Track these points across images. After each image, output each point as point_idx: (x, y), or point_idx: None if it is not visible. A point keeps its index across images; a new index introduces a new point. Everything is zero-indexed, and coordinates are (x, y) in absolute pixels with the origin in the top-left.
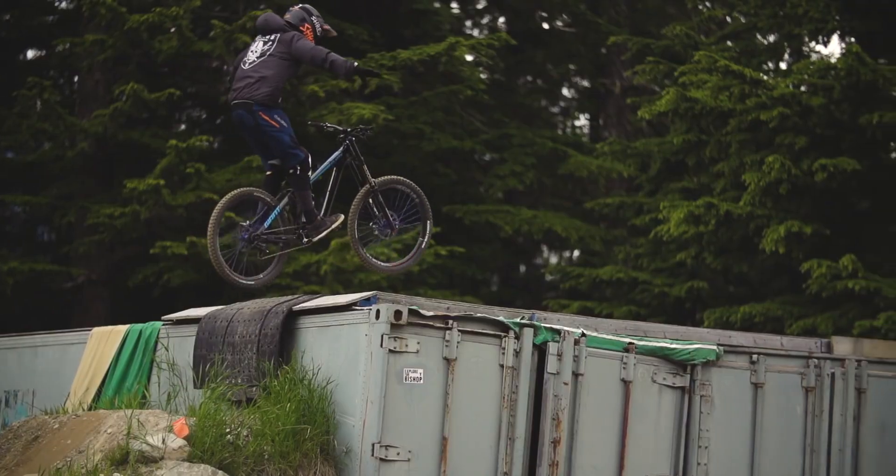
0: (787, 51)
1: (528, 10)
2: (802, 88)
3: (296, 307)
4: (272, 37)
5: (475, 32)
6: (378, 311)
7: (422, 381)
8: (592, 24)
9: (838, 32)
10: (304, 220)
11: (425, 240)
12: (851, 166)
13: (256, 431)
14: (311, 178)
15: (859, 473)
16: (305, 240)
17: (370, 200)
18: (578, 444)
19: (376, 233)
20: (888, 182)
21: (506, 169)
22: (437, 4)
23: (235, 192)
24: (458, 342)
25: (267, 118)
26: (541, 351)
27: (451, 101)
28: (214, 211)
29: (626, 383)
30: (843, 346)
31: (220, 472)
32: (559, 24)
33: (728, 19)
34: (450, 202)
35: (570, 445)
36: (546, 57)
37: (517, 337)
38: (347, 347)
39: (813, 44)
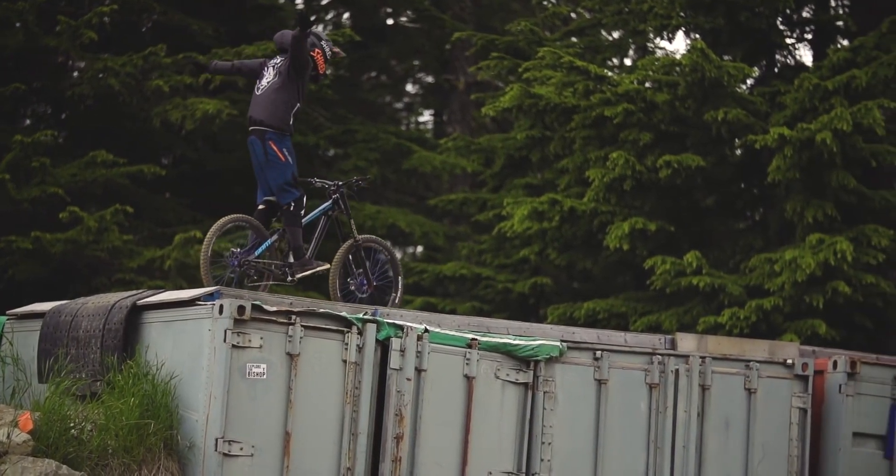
0: (632, 47)
1: (373, 5)
2: (647, 85)
3: (140, 302)
4: (278, 61)
5: (320, 28)
6: (221, 307)
7: (265, 377)
8: (437, 20)
9: (683, 29)
10: (291, 259)
11: (398, 295)
12: (696, 163)
13: (100, 426)
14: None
15: (703, 469)
16: (290, 278)
17: (351, 256)
18: (421, 439)
19: (352, 288)
20: (733, 179)
21: (349, 164)
22: (281, 0)
23: (230, 217)
24: (300, 337)
25: (276, 149)
26: (384, 347)
27: None
28: (209, 234)
29: (469, 379)
30: (687, 342)
31: (65, 466)
32: (404, 19)
33: (573, 15)
34: None
35: (413, 441)
36: (390, 53)
37: (360, 332)
38: (191, 342)
39: (658, 40)
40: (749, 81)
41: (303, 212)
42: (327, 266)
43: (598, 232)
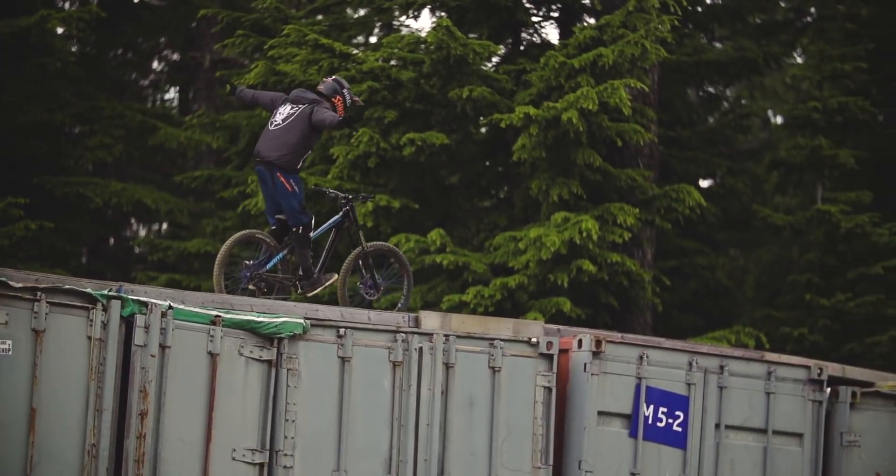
0: (378, 25)
1: None
2: (392, 62)
3: None
4: (299, 108)
5: (66, 5)
6: None
7: (10, 353)
8: None
9: (429, 6)
10: (300, 273)
11: (407, 297)
12: (441, 140)
13: None
14: (312, 237)
15: (447, 448)
16: (300, 291)
17: (360, 262)
18: (166, 416)
19: (361, 292)
20: (478, 157)
21: (95, 141)
22: None
23: (244, 232)
24: (46, 314)
25: (284, 181)
26: (128, 323)
27: (41, 74)
28: (223, 247)
29: (213, 356)
30: (431, 320)
31: None
32: None
33: None
34: (40, 174)
35: (158, 418)
36: (137, 30)
37: (105, 309)
38: None
39: (403, 18)
40: (495, 59)
41: (311, 234)
42: (336, 278)
43: None
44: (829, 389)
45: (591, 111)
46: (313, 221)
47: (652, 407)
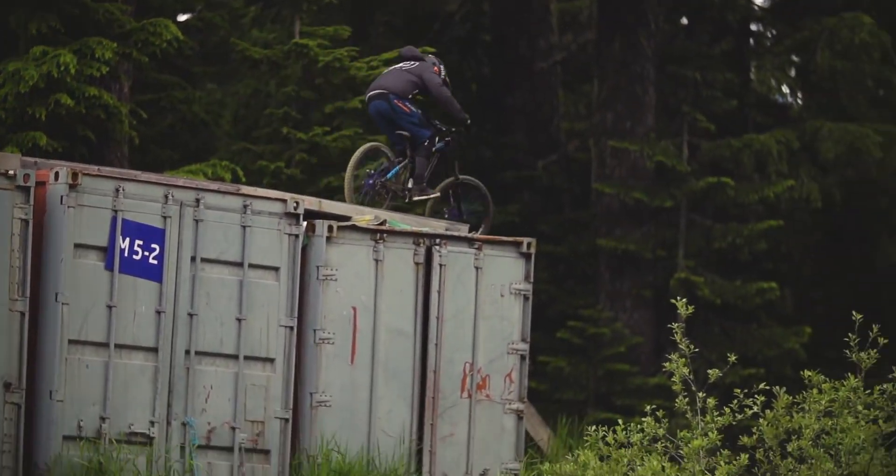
0: None
1: None
2: None
3: None
4: (413, 62)
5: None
6: None
7: None
8: None
9: None
10: (410, 184)
11: (489, 224)
12: None
13: None
14: (433, 150)
15: None
16: (409, 194)
17: (451, 190)
18: None
19: (446, 217)
20: None
21: None
22: None
23: (369, 145)
24: None
25: (401, 105)
26: None
27: None
28: (353, 158)
29: None
30: None
31: None
32: None
33: None
34: None
35: None
36: None
37: None
38: None
39: None
40: None
41: (434, 149)
42: (437, 194)
43: None
44: (305, 223)
45: None
46: (436, 138)
47: (128, 240)
